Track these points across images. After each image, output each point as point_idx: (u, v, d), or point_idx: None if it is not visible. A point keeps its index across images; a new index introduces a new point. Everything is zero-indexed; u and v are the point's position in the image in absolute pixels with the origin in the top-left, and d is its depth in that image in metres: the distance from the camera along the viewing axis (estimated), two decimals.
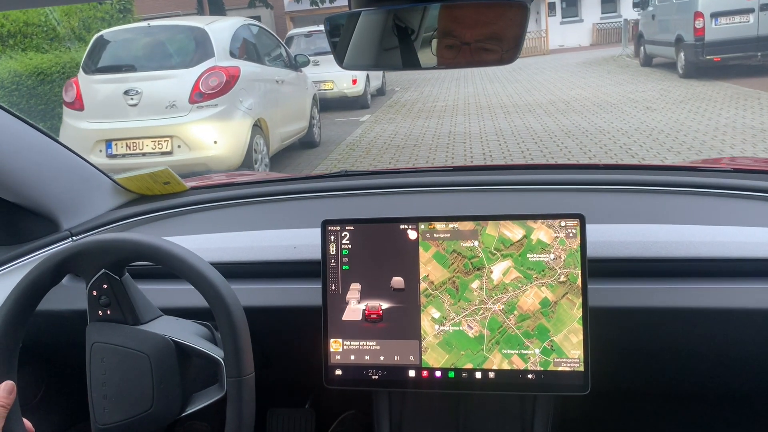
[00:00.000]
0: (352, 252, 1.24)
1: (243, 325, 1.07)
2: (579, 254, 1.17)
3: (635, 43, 17.36)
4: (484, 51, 0.93)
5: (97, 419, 1.11)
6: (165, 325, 1.16)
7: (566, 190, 1.60)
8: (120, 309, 1.12)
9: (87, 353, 1.13)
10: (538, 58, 23.80)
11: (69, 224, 1.56)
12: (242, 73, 6.88)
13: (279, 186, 1.80)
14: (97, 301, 1.12)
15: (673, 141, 7.59)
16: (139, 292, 1.16)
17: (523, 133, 8.95)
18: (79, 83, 6.85)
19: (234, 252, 1.42)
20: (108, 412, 1.10)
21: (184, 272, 1.07)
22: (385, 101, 14.42)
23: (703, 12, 11.58)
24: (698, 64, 12.09)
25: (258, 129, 7.06)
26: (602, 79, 14.76)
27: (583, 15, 30.27)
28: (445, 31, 0.94)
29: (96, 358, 1.12)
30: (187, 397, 1.13)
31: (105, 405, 1.10)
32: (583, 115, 9.98)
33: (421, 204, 1.65)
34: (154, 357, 1.09)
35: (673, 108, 9.78)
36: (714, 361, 1.31)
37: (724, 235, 1.27)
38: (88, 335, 1.13)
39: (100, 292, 1.11)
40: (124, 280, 1.12)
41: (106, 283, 1.10)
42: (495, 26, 0.92)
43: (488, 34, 0.92)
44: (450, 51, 0.94)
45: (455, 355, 1.20)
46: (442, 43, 0.94)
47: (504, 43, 0.92)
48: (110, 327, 1.12)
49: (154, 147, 6.47)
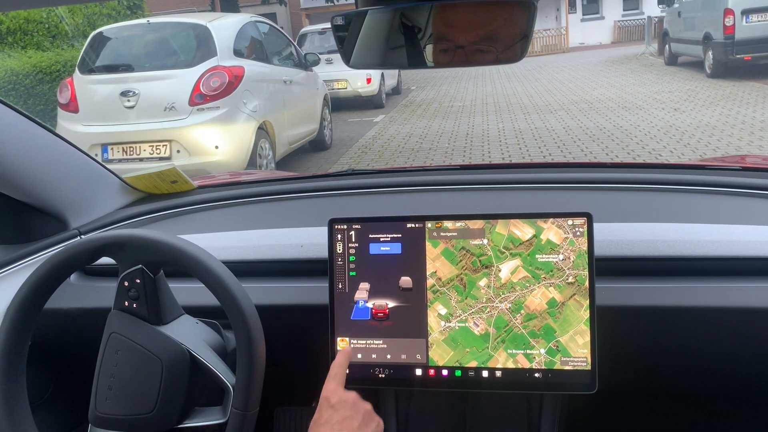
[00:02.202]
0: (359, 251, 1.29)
1: (261, 361, 1.12)
2: (588, 255, 1.21)
3: (659, 41, 17.33)
4: (480, 52, 0.97)
5: (97, 406, 1.16)
6: (184, 329, 1.21)
7: (574, 188, 1.64)
8: (146, 305, 1.17)
9: (103, 339, 1.18)
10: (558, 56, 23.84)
11: (77, 223, 1.61)
12: (247, 73, 6.78)
13: (286, 185, 1.85)
14: (126, 292, 1.17)
15: (706, 146, 7.49)
16: (169, 293, 1.21)
17: (544, 136, 8.91)
18: (74, 84, 6.77)
19: (241, 251, 1.47)
20: (109, 402, 1.15)
21: (225, 304, 1.12)
22: (400, 100, 14.45)
23: (734, 9, 11.54)
24: (727, 63, 12.06)
25: (263, 132, 6.97)
26: (626, 79, 14.72)
27: (604, 12, 30.27)
28: (438, 35, 0.97)
29: (111, 349, 1.17)
30: (188, 409, 1.18)
31: (108, 395, 1.15)
32: (607, 117, 9.94)
33: (428, 202, 1.69)
34: (167, 363, 1.14)
35: (703, 110, 9.70)
36: (722, 359, 1.34)
37: (732, 234, 1.31)
38: (109, 322, 1.18)
39: (132, 284, 1.16)
40: (158, 278, 1.17)
41: (139, 278, 1.16)
42: (489, 27, 0.95)
43: (482, 35, 0.95)
44: (445, 55, 0.98)
45: (460, 352, 1.25)
46: (436, 47, 0.98)
47: (499, 43, 0.96)
48: (132, 321, 1.17)
49: (151, 152, 6.38)
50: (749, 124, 8.45)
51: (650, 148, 7.62)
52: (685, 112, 9.74)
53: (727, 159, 2.61)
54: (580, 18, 30.42)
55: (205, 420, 1.18)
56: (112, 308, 1.19)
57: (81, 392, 1.41)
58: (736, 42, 11.56)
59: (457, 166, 1.99)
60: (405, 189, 1.73)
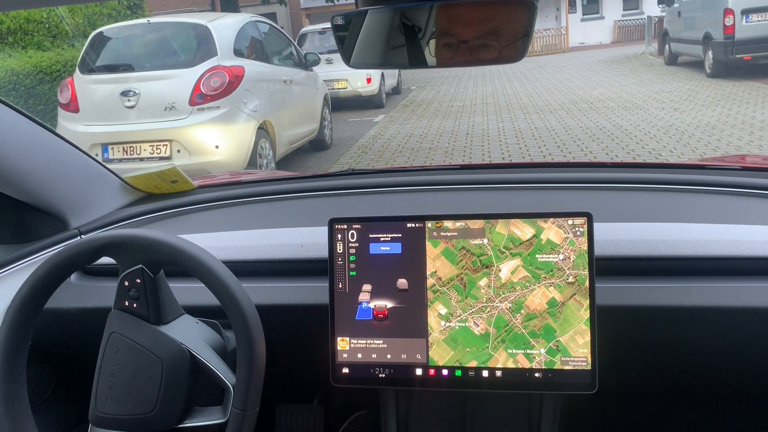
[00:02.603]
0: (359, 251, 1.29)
1: (261, 361, 1.12)
2: (588, 254, 1.21)
3: (659, 41, 17.36)
4: (483, 48, 0.97)
5: (97, 406, 1.17)
6: (184, 329, 1.21)
7: (574, 188, 1.64)
8: (146, 305, 1.17)
9: (104, 339, 1.18)
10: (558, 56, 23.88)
11: (77, 223, 1.62)
12: (247, 72, 6.77)
13: (286, 184, 1.86)
14: (126, 291, 1.17)
15: (706, 146, 7.49)
16: (169, 293, 1.21)
17: (544, 136, 8.91)
18: (74, 83, 6.77)
19: (241, 250, 1.47)
20: (109, 402, 1.16)
21: (225, 304, 1.12)
22: (400, 100, 14.47)
23: (734, 9, 11.56)
24: (727, 63, 12.07)
25: (263, 132, 6.97)
26: (626, 78, 14.74)
27: (604, 12, 30.35)
28: (441, 30, 0.98)
29: (111, 349, 1.17)
30: (188, 409, 1.18)
31: (108, 395, 1.16)
32: (607, 117, 9.94)
33: (429, 202, 1.69)
34: (167, 363, 1.15)
35: (703, 110, 9.71)
36: (722, 359, 1.35)
37: (732, 234, 1.31)
38: (109, 322, 1.19)
39: (132, 284, 1.17)
40: (158, 278, 1.18)
41: (140, 277, 1.16)
42: (492, 22, 0.95)
43: (485, 30, 0.96)
44: (448, 50, 0.98)
45: (460, 352, 1.25)
46: (439, 42, 0.99)
47: (502, 38, 0.96)
48: (132, 321, 1.18)
49: (152, 151, 6.38)
50: (749, 124, 8.45)
51: (650, 148, 7.61)
52: (685, 111, 9.74)
53: (727, 159, 2.61)
54: (580, 18, 30.48)
55: (205, 419, 1.18)
56: (113, 308, 1.20)
57: (81, 392, 1.42)
58: (736, 42, 11.57)
59: (457, 165, 1.99)
60: (405, 189, 1.74)
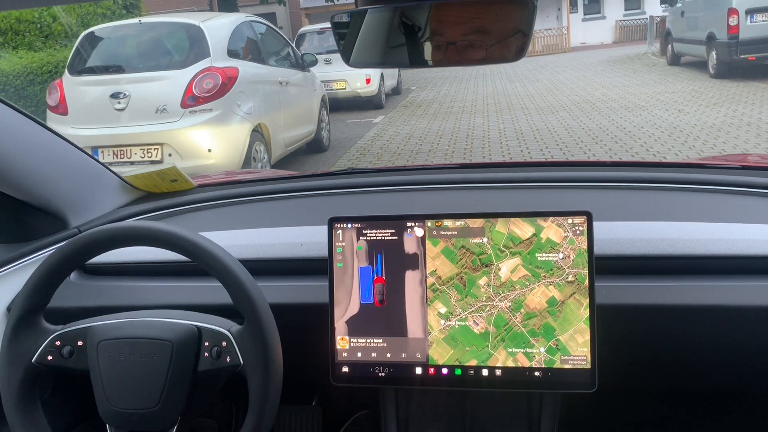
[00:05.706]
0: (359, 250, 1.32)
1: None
2: (588, 253, 1.23)
3: (662, 41, 17.42)
4: (471, 48, 0.99)
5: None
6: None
7: (573, 187, 1.67)
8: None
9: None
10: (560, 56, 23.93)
11: (77, 222, 1.63)
12: (241, 74, 6.74)
13: (286, 183, 1.88)
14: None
15: (712, 149, 7.47)
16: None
17: (546, 138, 8.92)
18: (63, 85, 6.72)
19: (241, 249, 1.49)
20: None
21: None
22: (400, 101, 14.48)
23: (738, 9, 11.58)
24: (731, 63, 12.09)
25: (258, 135, 6.94)
26: (628, 79, 14.76)
27: (605, 12, 30.43)
28: (431, 31, 1.00)
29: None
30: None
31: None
32: (610, 118, 9.95)
33: (428, 201, 1.72)
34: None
35: (707, 111, 9.72)
36: (722, 358, 1.37)
37: (731, 233, 1.34)
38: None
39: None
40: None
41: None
42: (478, 21, 0.98)
43: (471, 29, 0.98)
44: (438, 52, 1.00)
45: (460, 351, 1.27)
46: (429, 43, 1.00)
47: (491, 37, 0.98)
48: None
49: (142, 155, 6.34)
50: (755, 126, 8.45)
51: (655, 151, 7.60)
52: (689, 113, 9.74)
53: (727, 158, 2.64)
54: (581, 18, 30.54)
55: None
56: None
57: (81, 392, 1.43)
58: (740, 42, 11.59)
59: (457, 164, 2.01)
60: (405, 188, 1.76)
